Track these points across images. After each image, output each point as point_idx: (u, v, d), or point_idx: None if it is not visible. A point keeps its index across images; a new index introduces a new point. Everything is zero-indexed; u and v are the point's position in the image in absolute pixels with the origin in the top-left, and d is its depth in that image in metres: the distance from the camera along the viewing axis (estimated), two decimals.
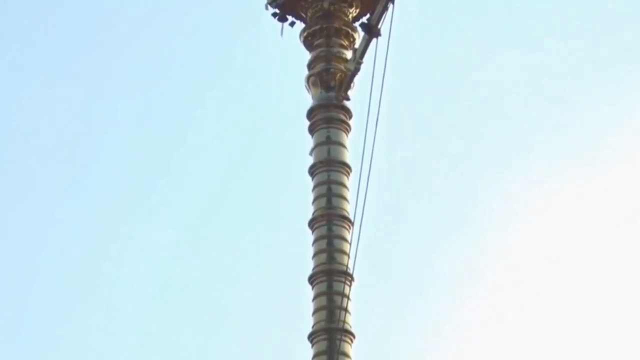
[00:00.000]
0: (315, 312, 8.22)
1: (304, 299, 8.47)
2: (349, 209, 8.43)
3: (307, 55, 9.54)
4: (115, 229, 24.88)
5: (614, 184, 25.61)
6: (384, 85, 8.14)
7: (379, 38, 8.46)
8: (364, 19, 9.32)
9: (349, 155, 8.84)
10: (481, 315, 25.00)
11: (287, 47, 10.21)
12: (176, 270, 23.44)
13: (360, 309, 8.52)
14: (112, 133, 27.15)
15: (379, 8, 8.46)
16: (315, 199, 8.60)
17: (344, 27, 9.46)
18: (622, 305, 24.60)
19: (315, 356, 7.98)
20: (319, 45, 9.35)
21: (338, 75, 9.13)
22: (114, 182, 26.46)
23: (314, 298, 8.27)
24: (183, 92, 26.26)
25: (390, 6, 8.32)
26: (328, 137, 8.82)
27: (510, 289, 25.43)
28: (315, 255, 8.39)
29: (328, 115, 8.96)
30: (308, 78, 9.31)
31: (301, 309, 8.48)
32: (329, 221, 8.43)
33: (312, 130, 9.03)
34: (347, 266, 8.17)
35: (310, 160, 8.91)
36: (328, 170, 8.65)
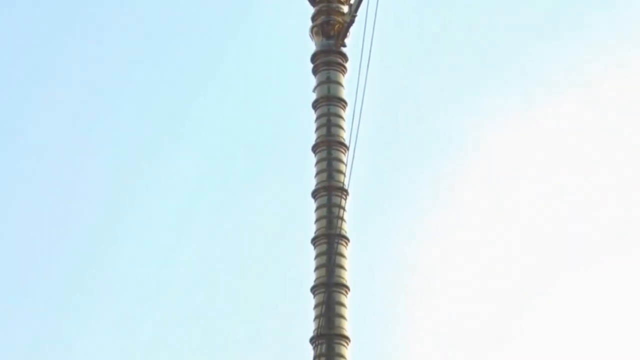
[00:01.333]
0: (317, 220, 10.09)
1: (309, 210, 10.34)
2: (345, 136, 10.24)
3: (311, 10, 11.30)
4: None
5: None
6: (374, 33, 9.92)
7: None
8: None
9: (345, 92, 10.63)
10: (472, 216, 27.76)
11: (295, 4, 12.20)
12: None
13: (354, 219, 10.38)
14: (135, 80, 30.39)
15: None
16: (317, 128, 10.42)
17: None
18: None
19: (317, 256, 9.84)
20: (320, 1, 11.15)
21: (336, 26, 10.89)
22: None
23: (316, 209, 10.14)
24: (203, 43, 30.58)
25: None
26: (328, 77, 10.57)
27: (499, 190, 28.16)
28: (317, 174, 10.23)
29: (328, 59, 10.71)
30: (312, 29, 11.00)
31: (306, 218, 10.34)
32: (329, 146, 10.24)
33: (315, 71, 10.80)
34: (343, 183, 9.99)
35: (313, 96, 10.69)
36: (328, 104, 10.43)
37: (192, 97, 29.91)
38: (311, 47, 10.92)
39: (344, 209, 9.97)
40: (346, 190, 9.99)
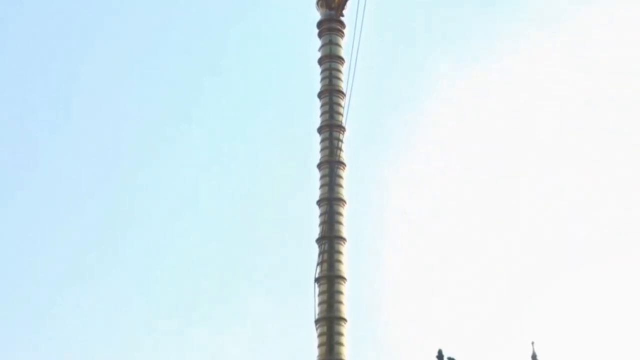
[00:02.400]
0: (321, 150, 13.17)
1: (315, 143, 13.30)
2: (343, 85, 13.22)
3: None
4: None
5: None
6: (366, 5, 12.78)
7: None
8: None
9: (344, 52, 13.61)
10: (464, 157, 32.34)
11: None
12: None
13: (350, 149, 13.36)
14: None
15: None
16: (321, 80, 13.47)
17: None
18: None
19: (321, 177, 12.95)
20: None
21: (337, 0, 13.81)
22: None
23: (321, 142, 13.22)
24: (221, 14, 36.32)
25: None
26: (330, 40, 13.59)
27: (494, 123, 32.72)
28: (321, 115, 13.33)
29: (330, 26, 13.76)
30: (317, 2, 14.03)
31: (313, 150, 13.32)
32: (330, 94, 13.31)
33: (320, 35, 13.92)
34: (341, 122, 12.99)
35: (319, 55, 13.65)
36: (330, 61, 13.47)
37: (219, 51, 36.47)
38: (317, 16, 13.89)
39: (342, 141, 12.99)
40: (343, 127, 12.99)
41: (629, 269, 28.11)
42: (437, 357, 13.02)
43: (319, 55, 13.44)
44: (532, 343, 15.05)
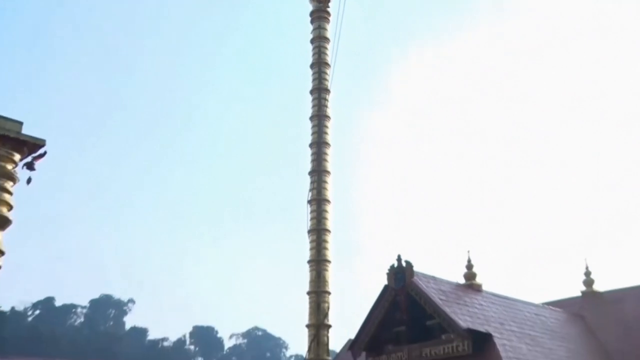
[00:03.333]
0: (312, 107, 17.08)
1: (307, 102, 17.23)
2: (329, 59, 17.29)
3: None
4: None
5: None
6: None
7: None
8: None
9: (329, 34, 17.69)
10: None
11: None
12: None
13: (335, 106, 17.40)
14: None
15: None
16: (313, 55, 17.47)
17: None
18: None
19: (312, 127, 16.84)
20: None
21: None
22: None
23: (312, 101, 17.04)
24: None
25: None
26: (319, 25, 17.80)
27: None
28: (312, 81, 17.27)
29: (319, 15, 17.96)
30: None
31: (305, 106, 17.33)
32: (319, 66, 17.38)
33: (312, 22, 18.07)
34: (327, 86, 17.05)
35: (311, 36, 17.75)
36: (319, 41, 17.61)
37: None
38: (310, 8, 18.09)
39: (327, 100, 16.99)
40: (329, 90, 17.08)
41: None
42: (397, 260, 17.20)
43: (311, 36, 17.59)
44: (468, 251, 19.05)
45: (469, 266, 18.77)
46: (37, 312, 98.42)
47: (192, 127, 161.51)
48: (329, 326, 14.90)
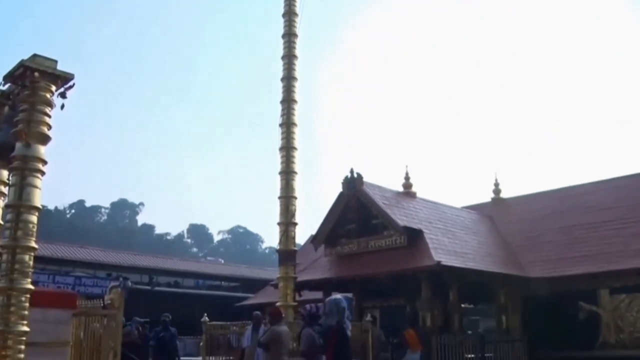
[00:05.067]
0: (283, 48, 16.24)
1: (279, 46, 16.69)
2: (297, 9, 16.68)
3: None
4: None
5: None
6: None
7: None
8: None
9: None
10: None
11: None
12: None
13: (301, 47, 17.11)
14: None
15: None
16: (284, 7, 16.68)
17: None
18: None
19: (283, 65, 16.44)
20: None
21: None
22: None
23: (283, 44, 16.41)
24: None
25: None
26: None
27: None
28: (284, 27, 16.31)
29: None
30: None
31: (278, 49, 16.86)
32: (289, 15, 16.54)
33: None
34: (295, 31, 16.66)
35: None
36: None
37: None
38: None
39: (295, 42, 16.39)
40: (297, 35, 16.48)
41: None
42: (350, 172, 17.73)
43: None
44: (407, 166, 19.79)
45: (407, 177, 19.32)
46: (73, 211, 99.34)
47: (193, 68, 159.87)
48: (296, 224, 15.29)
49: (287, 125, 15.98)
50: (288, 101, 16.26)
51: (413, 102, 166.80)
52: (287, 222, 15.17)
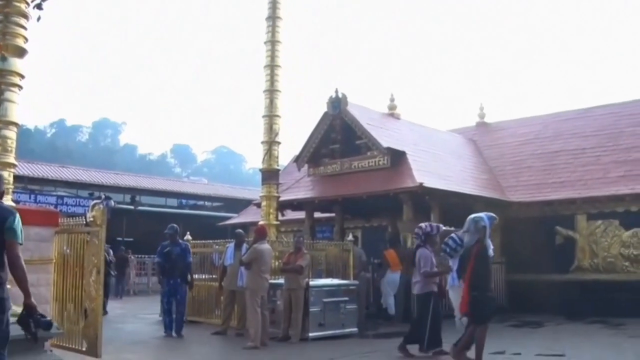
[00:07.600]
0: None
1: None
2: None
3: None
4: None
5: None
6: None
7: None
8: None
9: None
10: None
11: None
12: None
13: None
14: None
15: None
16: None
17: None
18: None
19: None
20: None
21: None
22: None
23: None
24: None
25: None
26: None
27: None
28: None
29: None
30: None
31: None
32: None
33: None
34: None
35: None
36: None
37: None
38: None
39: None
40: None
41: None
42: (335, 92, 17.38)
43: None
44: (391, 88, 19.65)
45: (392, 99, 19.18)
46: (53, 130, 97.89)
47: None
48: (279, 143, 15.22)
49: (272, 43, 15.66)
50: (273, 18, 15.86)
51: (399, 25, 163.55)
52: (271, 141, 15.13)
